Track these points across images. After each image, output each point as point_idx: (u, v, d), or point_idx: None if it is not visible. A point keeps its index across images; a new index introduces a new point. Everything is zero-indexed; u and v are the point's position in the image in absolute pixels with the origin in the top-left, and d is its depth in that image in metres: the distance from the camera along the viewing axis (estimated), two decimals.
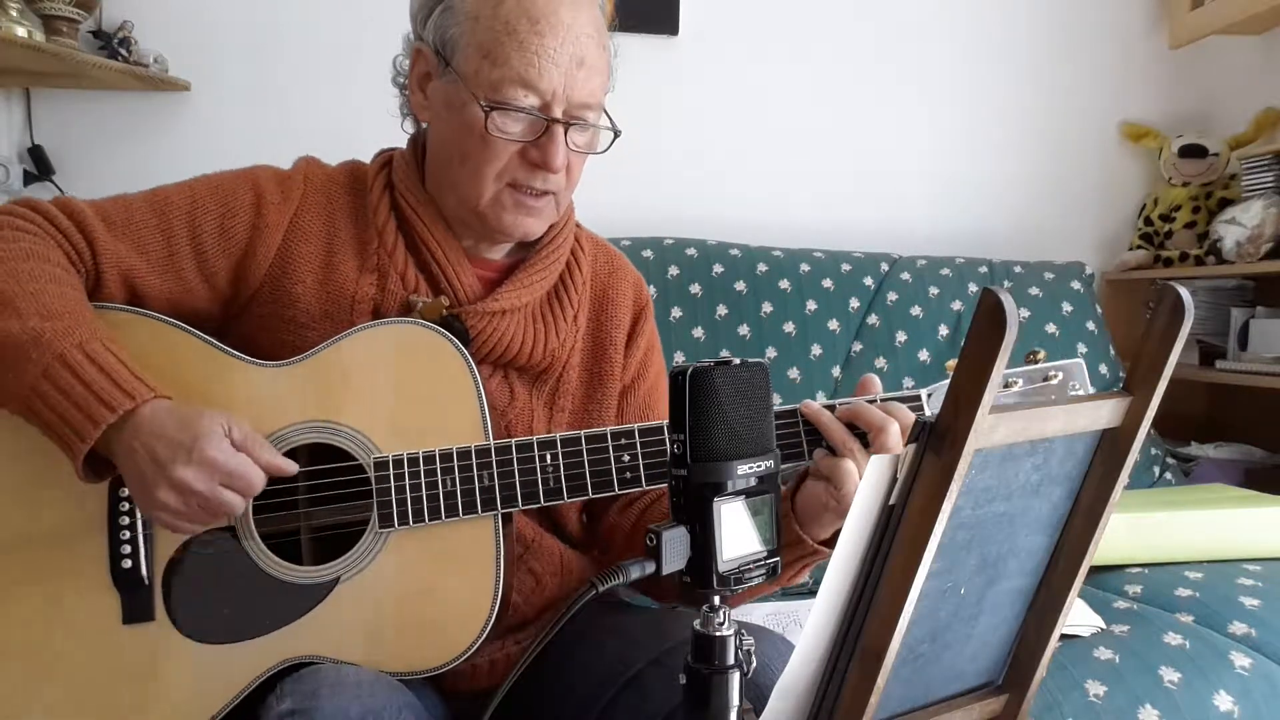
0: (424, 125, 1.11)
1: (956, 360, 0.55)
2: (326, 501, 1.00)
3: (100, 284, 1.00)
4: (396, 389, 0.99)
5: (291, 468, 0.95)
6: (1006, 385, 0.97)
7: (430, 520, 0.96)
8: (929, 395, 1.00)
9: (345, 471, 0.99)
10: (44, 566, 0.96)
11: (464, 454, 0.97)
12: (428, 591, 0.96)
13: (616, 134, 1.05)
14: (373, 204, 1.07)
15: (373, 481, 0.96)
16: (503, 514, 0.98)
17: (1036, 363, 1.00)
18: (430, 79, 1.05)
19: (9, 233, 0.97)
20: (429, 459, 0.97)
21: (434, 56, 1.03)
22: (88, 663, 0.95)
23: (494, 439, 0.98)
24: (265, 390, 0.99)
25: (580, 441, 0.98)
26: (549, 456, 0.98)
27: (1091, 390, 1.00)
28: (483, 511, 0.97)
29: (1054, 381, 1.00)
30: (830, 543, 0.98)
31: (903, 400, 0.98)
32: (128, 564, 0.96)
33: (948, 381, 0.57)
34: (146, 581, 0.96)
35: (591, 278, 1.16)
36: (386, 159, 1.11)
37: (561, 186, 1.04)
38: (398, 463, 0.96)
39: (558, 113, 0.99)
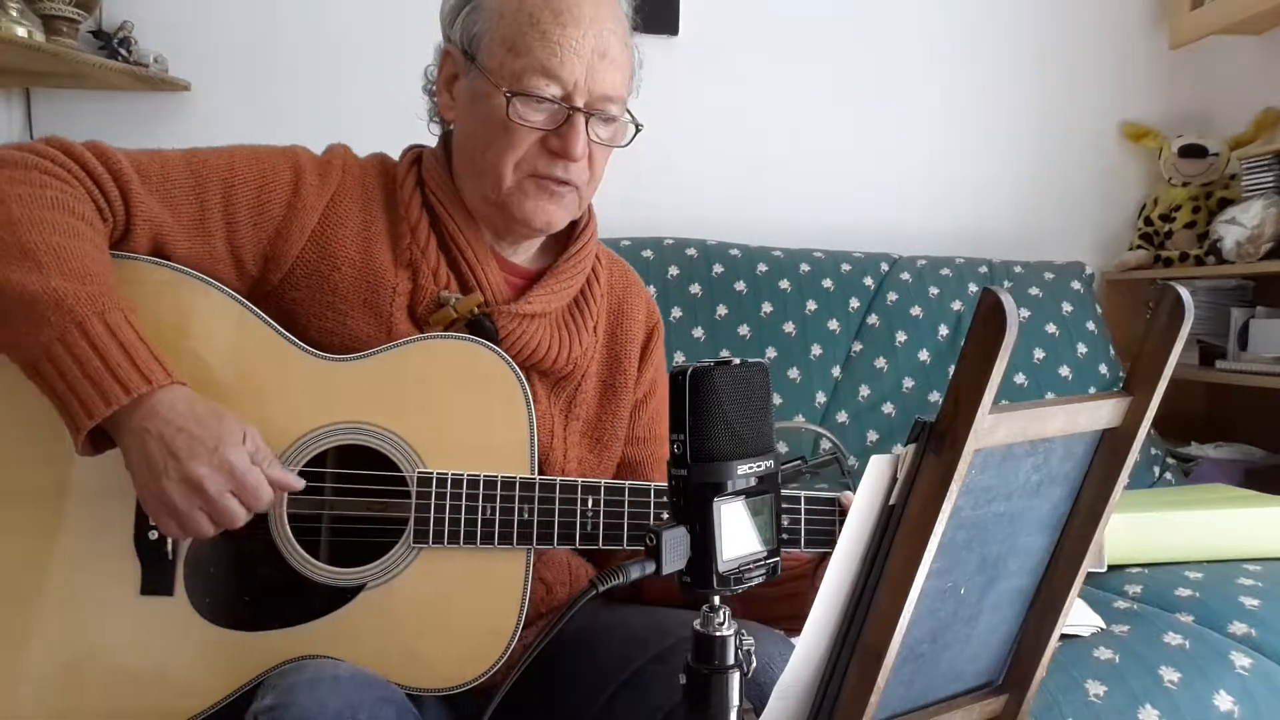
0: (450, 127, 1.12)
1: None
2: (357, 506, 0.99)
3: (128, 237, 0.98)
4: (452, 407, 0.98)
5: (298, 483, 0.94)
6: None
7: (465, 544, 0.95)
8: None
9: (384, 478, 0.98)
10: (66, 523, 0.94)
11: (508, 484, 0.96)
12: (451, 613, 0.96)
13: (638, 128, 1.06)
14: (404, 199, 1.07)
15: (413, 495, 0.96)
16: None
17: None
18: (457, 79, 1.06)
19: (36, 175, 0.93)
20: (473, 483, 0.96)
21: (461, 56, 1.04)
22: (96, 625, 0.94)
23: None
24: (318, 382, 0.98)
25: (624, 492, 0.98)
26: (590, 501, 0.97)
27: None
28: (517, 544, 0.96)
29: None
30: None
31: None
32: (154, 535, 0.94)
33: None
34: (170, 556, 0.95)
35: (608, 290, 1.17)
36: (416, 155, 1.11)
37: (584, 180, 1.04)
38: (441, 481, 0.96)
39: (579, 103, 1.00)
